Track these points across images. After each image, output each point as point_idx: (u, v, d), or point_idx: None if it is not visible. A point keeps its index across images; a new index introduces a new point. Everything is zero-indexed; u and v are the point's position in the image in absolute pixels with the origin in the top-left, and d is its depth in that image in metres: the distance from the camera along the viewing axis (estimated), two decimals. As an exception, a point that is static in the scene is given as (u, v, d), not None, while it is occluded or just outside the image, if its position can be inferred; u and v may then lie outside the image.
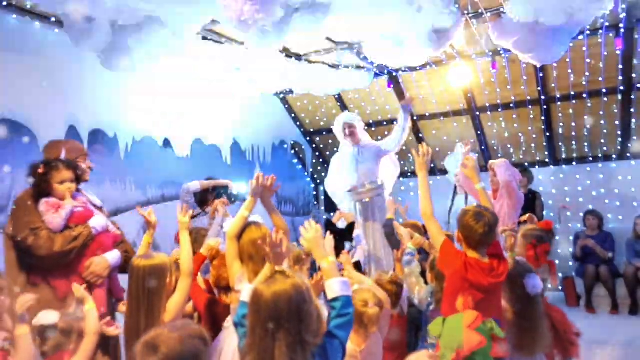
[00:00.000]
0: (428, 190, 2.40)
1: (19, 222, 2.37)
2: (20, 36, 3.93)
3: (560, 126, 6.13)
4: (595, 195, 6.16)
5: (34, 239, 2.31)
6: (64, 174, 2.48)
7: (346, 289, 1.68)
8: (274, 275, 1.54)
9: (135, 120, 4.92)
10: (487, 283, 2.11)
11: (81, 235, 2.39)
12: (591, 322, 5.00)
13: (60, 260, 2.35)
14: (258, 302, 1.47)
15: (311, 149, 7.84)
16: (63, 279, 2.36)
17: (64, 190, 2.47)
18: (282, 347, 1.41)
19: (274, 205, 2.42)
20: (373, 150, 4.75)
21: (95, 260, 2.42)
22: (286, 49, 5.15)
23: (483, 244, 2.19)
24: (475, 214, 2.18)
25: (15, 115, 3.85)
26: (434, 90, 6.26)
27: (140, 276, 1.95)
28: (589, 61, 5.29)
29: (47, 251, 2.30)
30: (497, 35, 4.09)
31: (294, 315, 1.44)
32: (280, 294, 1.45)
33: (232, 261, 2.20)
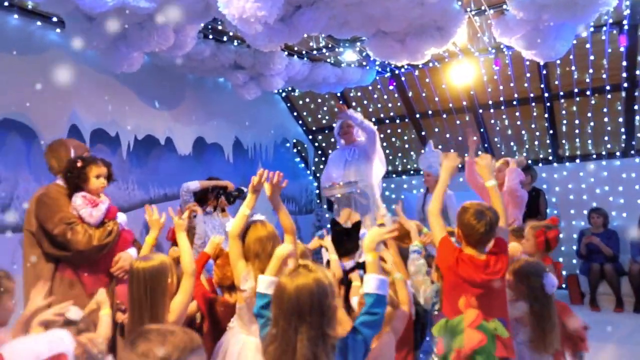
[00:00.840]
0: (443, 192, 2.42)
1: (51, 217, 2.40)
2: (22, 36, 3.92)
3: (563, 123, 6.10)
4: (599, 193, 6.13)
5: (72, 234, 2.35)
6: (102, 169, 2.57)
7: (383, 288, 1.68)
8: (297, 269, 1.55)
9: (137, 119, 4.92)
10: (479, 279, 2.11)
11: (113, 231, 2.47)
12: (595, 319, 4.97)
13: (96, 254, 2.42)
14: (281, 295, 1.49)
15: (313, 147, 7.83)
16: (91, 275, 2.43)
17: (98, 186, 2.54)
18: (303, 340, 1.43)
19: (281, 202, 2.41)
20: (362, 149, 4.79)
21: (123, 256, 2.51)
22: (288, 46, 5.13)
23: (483, 242, 2.19)
24: (477, 212, 2.17)
25: (18, 115, 3.85)
26: (437, 88, 6.24)
27: (141, 279, 1.92)
28: (592, 58, 5.27)
29: (85, 245, 2.36)
30: (500, 32, 4.06)
31: (316, 309, 1.46)
32: (302, 288, 1.47)
33: (237, 260, 2.19)
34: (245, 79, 5.11)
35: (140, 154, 4.94)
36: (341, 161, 4.80)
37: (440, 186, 2.46)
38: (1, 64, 3.75)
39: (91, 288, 2.35)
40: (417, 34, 4.03)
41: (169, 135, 5.28)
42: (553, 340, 2.20)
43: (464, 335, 1.77)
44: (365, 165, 4.73)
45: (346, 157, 4.78)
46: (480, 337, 1.79)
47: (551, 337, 2.20)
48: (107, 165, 2.63)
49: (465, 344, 1.77)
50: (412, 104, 6.56)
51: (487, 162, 2.55)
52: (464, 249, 2.23)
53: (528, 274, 2.29)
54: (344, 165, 4.75)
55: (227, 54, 4.75)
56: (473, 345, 1.79)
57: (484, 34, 4.93)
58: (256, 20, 2.86)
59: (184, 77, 5.49)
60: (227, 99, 6.04)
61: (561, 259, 6.23)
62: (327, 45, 5.17)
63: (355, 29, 3.93)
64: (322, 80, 5.66)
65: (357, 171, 4.71)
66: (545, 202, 5.88)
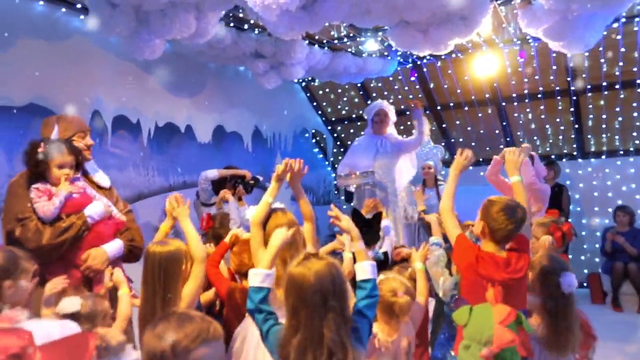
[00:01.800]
0: (454, 189, 2.38)
1: (8, 211, 2.19)
2: (47, 22, 3.98)
3: (590, 118, 5.93)
4: (625, 191, 5.96)
5: (21, 231, 2.12)
6: (65, 157, 2.27)
7: (374, 272, 1.74)
8: (308, 258, 1.55)
9: (158, 107, 4.96)
10: (500, 278, 2.03)
11: (74, 226, 2.19)
12: (617, 320, 4.88)
13: (50, 253, 2.16)
14: (300, 284, 1.48)
15: (332, 138, 7.80)
16: (60, 273, 2.15)
17: (60, 175, 2.26)
18: (330, 326, 1.44)
19: (302, 189, 2.40)
20: (396, 145, 4.71)
21: (92, 253, 2.24)
22: (309, 35, 5.10)
23: (508, 239, 2.12)
24: (508, 208, 2.08)
25: (42, 99, 3.92)
26: (459, 80, 6.13)
27: (156, 263, 1.91)
28: (623, 50, 5.09)
29: (35, 244, 2.11)
30: (526, 22, 3.95)
31: (338, 293, 1.48)
32: (322, 274, 1.48)
33: (257, 248, 2.18)
34: (265, 68, 5.10)
35: (161, 141, 4.99)
36: (371, 150, 4.70)
37: (451, 182, 2.41)
38: (27, 50, 3.81)
39: None
40: (440, 24, 3.95)
41: (189, 123, 5.32)
42: (568, 342, 2.11)
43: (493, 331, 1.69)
44: (393, 160, 4.71)
45: (377, 147, 4.69)
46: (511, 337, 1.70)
47: (566, 339, 2.11)
48: (74, 152, 2.32)
49: (494, 341, 1.70)
50: (434, 95, 6.46)
51: (514, 157, 2.47)
52: (484, 245, 2.16)
53: (545, 271, 2.21)
54: (375, 155, 4.67)
55: (248, 42, 4.74)
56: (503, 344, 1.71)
57: (509, 24, 4.80)
58: (278, 7, 2.83)
59: (205, 65, 5.51)
60: (248, 87, 6.04)
61: (583, 257, 6.11)
62: (348, 34, 5.11)
63: (378, 18, 3.87)
64: (342, 70, 5.61)
65: (386, 164, 4.65)
66: (568, 199, 5.74)
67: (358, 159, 4.76)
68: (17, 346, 1.08)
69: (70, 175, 2.31)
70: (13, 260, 1.73)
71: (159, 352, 1.18)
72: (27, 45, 3.82)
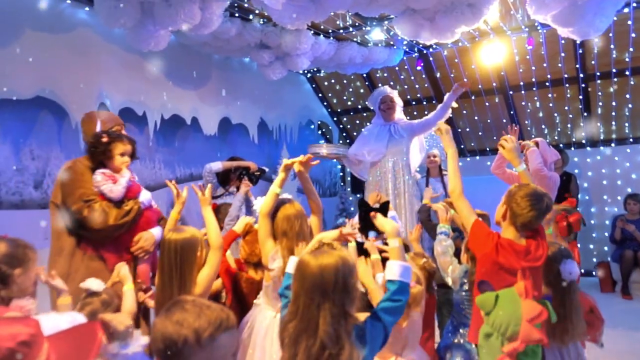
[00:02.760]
0: (457, 168, 2.28)
1: (72, 193, 2.39)
2: (52, 15, 3.97)
3: (599, 105, 5.86)
4: (635, 179, 5.90)
5: (89, 211, 2.34)
6: (127, 146, 2.52)
7: (406, 275, 1.65)
8: (321, 247, 1.52)
9: (164, 99, 4.96)
10: (519, 267, 1.98)
11: (132, 210, 2.43)
12: (628, 308, 4.85)
13: (112, 233, 2.40)
14: (304, 272, 1.46)
15: (338, 129, 7.77)
16: (113, 252, 2.42)
17: (121, 163, 2.50)
18: (326, 317, 1.40)
19: (310, 182, 2.39)
20: (408, 128, 4.66)
21: (144, 236, 2.48)
22: (315, 25, 5.06)
23: (528, 227, 2.07)
24: (535, 194, 2.04)
25: (49, 92, 3.93)
26: (466, 69, 6.07)
27: (172, 249, 1.95)
28: (634, 36, 5.01)
29: (101, 224, 2.34)
30: (534, 8, 3.88)
31: (340, 286, 1.43)
32: (326, 265, 1.44)
33: (265, 238, 2.18)
34: (271, 59, 5.08)
35: (167, 133, 4.99)
36: (384, 136, 4.64)
37: (453, 163, 2.30)
38: (32, 42, 3.81)
39: (113, 264, 2.34)
40: (447, 12, 3.91)
41: (194, 115, 5.31)
42: (567, 331, 2.08)
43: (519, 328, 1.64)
44: (407, 145, 4.66)
45: (391, 133, 4.64)
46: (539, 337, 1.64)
47: (564, 327, 2.07)
48: (132, 142, 2.59)
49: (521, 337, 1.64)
50: (440, 85, 6.40)
51: (512, 145, 2.41)
52: (504, 231, 2.11)
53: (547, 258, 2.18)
54: (388, 141, 4.61)
55: (253, 33, 4.71)
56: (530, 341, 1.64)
57: (517, 11, 4.74)
58: (283, -4, 2.80)
59: (210, 57, 5.49)
60: (253, 79, 6.02)
61: (592, 245, 6.07)
62: (353, 23, 5.06)
63: (384, 6, 3.83)
64: (348, 61, 5.57)
65: (400, 150, 4.60)
66: (577, 187, 5.69)
67: (370, 146, 4.68)
68: (26, 334, 1.08)
69: (129, 162, 2.55)
70: (22, 249, 1.75)
71: (181, 339, 1.16)
72: (33, 37, 3.82)
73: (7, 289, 1.67)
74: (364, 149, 4.73)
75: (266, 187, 5.04)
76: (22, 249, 1.75)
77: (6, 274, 1.67)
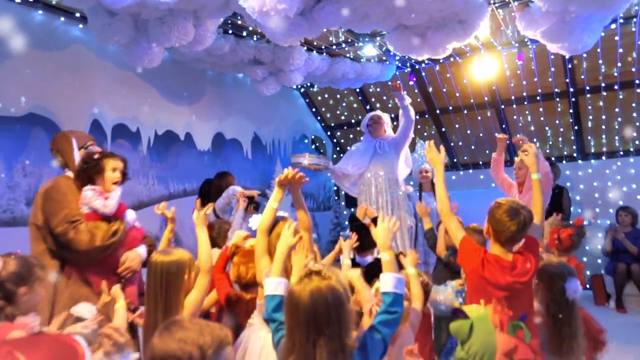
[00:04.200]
0: (444, 186, 2.31)
1: (56, 214, 2.30)
2: (46, 31, 3.98)
3: (589, 119, 5.93)
4: (626, 191, 5.95)
5: (75, 233, 2.26)
6: (118, 162, 2.49)
7: (400, 287, 1.65)
8: (310, 275, 1.48)
9: (157, 115, 4.96)
10: (504, 282, 2.02)
11: (119, 230, 2.37)
12: (622, 322, 4.85)
13: (99, 255, 2.32)
14: (296, 306, 1.43)
15: (332, 143, 7.80)
16: (99, 275, 2.33)
17: (113, 178, 2.45)
18: (323, 353, 1.38)
19: (302, 198, 2.38)
20: (392, 142, 4.75)
21: (130, 256, 2.41)
22: (308, 41, 5.10)
23: (513, 241, 2.10)
24: (511, 209, 2.07)
25: (42, 109, 3.92)
26: (458, 83, 6.14)
27: (158, 272, 1.91)
28: (621, 51, 5.10)
29: (88, 246, 2.26)
30: (524, 25, 3.95)
31: (334, 320, 1.40)
32: (317, 298, 1.41)
33: (261, 256, 2.16)
34: (264, 74, 5.11)
35: (160, 149, 4.99)
36: (369, 151, 4.75)
37: (440, 182, 2.33)
38: (26, 59, 3.82)
39: (99, 287, 2.26)
40: (438, 28, 3.96)
41: (188, 131, 5.31)
42: (572, 348, 2.08)
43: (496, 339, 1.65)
44: (393, 160, 4.75)
45: (375, 149, 4.73)
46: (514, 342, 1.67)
47: (570, 345, 2.07)
48: (123, 160, 2.55)
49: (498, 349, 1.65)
50: (433, 99, 6.46)
51: (534, 150, 2.39)
52: (491, 247, 2.14)
53: (550, 275, 2.18)
54: (371, 157, 4.71)
55: (246, 49, 4.75)
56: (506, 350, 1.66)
57: (507, 27, 4.82)
58: (276, 14, 2.84)
59: (203, 73, 5.51)
60: (247, 94, 6.05)
61: (585, 258, 6.08)
62: (346, 39, 5.12)
63: (376, 22, 3.88)
64: (341, 76, 5.62)
65: (384, 164, 4.69)
66: (569, 200, 5.73)
67: (354, 161, 4.81)
68: None
69: (120, 180, 2.49)
70: (28, 267, 1.76)
71: (186, 356, 1.16)
72: (26, 54, 3.83)
73: (12, 306, 1.70)
74: (349, 163, 4.84)
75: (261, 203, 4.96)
76: (30, 267, 1.77)
77: (11, 291, 1.70)
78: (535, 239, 2.16)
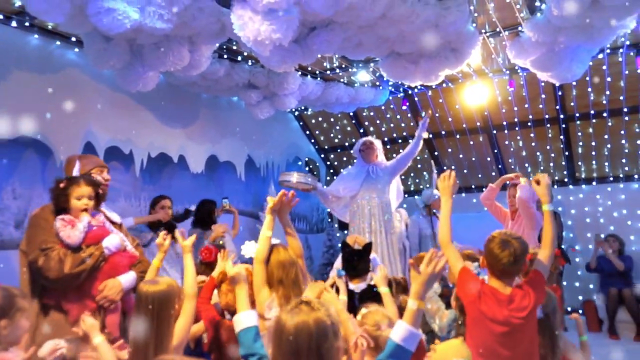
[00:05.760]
0: (449, 216, 2.29)
1: (32, 240, 2.29)
2: (42, 55, 4.00)
3: (579, 145, 6.01)
4: (616, 217, 6.00)
5: (44, 260, 2.21)
6: (83, 189, 2.39)
7: (409, 342, 1.57)
8: (299, 305, 1.46)
9: (151, 137, 4.96)
10: (501, 317, 1.98)
11: (92, 257, 2.29)
12: (615, 348, 4.82)
13: (70, 282, 2.24)
14: (280, 334, 1.41)
15: (325, 166, 7.82)
16: (75, 302, 2.27)
17: (79, 207, 2.38)
18: None
19: (290, 222, 2.37)
20: (387, 169, 4.78)
21: (109, 284, 2.32)
22: (302, 66, 5.16)
23: (507, 274, 2.06)
24: (502, 241, 2.05)
25: (34, 132, 3.90)
26: (450, 109, 6.21)
27: (149, 303, 1.87)
28: (609, 80, 5.21)
29: (56, 273, 2.19)
30: (514, 54, 4.04)
31: (314, 353, 1.37)
32: (300, 329, 1.38)
33: (260, 287, 2.13)
34: (258, 98, 5.14)
35: (153, 171, 4.97)
36: (361, 175, 4.78)
37: (445, 211, 2.32)
38: (21, 82, 3.82)
39: (75, 316, 2.21)
40: (431, 56, 4.03)
41: (181, 154, 5.31)
42: None
43: None
44: (385, 185, 4.80)
45: (368, 173, 4.77)
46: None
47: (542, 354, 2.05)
48: (92, 184, 2.45)
49: None
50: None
51: (547, 181, 2.33)
52: (489, 280, 2.11)
53: None
54: (363, 181, 4.74)
55: (241, 74, 4.79)
56: None
57: (498, 55, 4.91)
58: (271, 43, 2.87)
59: (198, 96, 5.54)
60: (241, 117, 6.08)
61: (577, 283, 6.09)
62: (340, 65, 5.19)
63: (369, 50, 3.94)
64: (335, 100, 5.67)
65: (376, 189, 4.72)
66: (561, 225, 5.76)
67: (345, 184, 4.83)
68: None
69: (90, 205, 2.42)
70: (9, 299, 1.71)
71: None
72: (21, 77, 3.83)
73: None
74: (340, 186, 4.87)
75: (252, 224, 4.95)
76: (10, 299, 1.70)
77: None
78: (540, 272, 2.10)
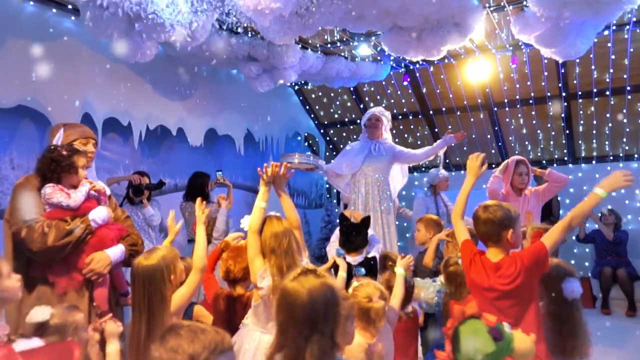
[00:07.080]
0: (467, 194, 2.32)
1: (14, 213, 2.19)
2: (37, 23, 3.93)
3: (580, 124, 5.98)
4: (614, 196, 6.01)
5: (27, 232, 2.13)
6: (84, 159, 2.33)
7: None
8: (305, 273, 1.48)
9: (150, 109, 4.92)
10: (487, 284, 2.01)
11: (78, 229, 2.20)
12: (607, 323, 4.91)
13: (54, 255, 2.17)
14: (292, 303, 1.42)
15: (325, 141, 7.79)
16: (62, 275, 2.20)
17: (84, 176, 2.33)
18: (314, 351, 1.37)
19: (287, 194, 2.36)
20: (390, 150, 4.69)
21: (96, 257, 2.24)
22: (302, 39, 5.09)
23: (487, 237, 2.10)
24: (485, 205, 2.14)
25: (31, 102, 3.87)
26: (451, 85, 6.15)
27: (140, 278, 1.89)
28: (613, 57, 5.14)
29: (40, 245, 2.12)
30: (518, 29, 3.97)
31: (330, 317, 1.40)
32: (315, 294, 1.41)
33: (254, 256, 2.14)
34: (258, 71, 5.09)
35: (152, 143, 4.95)
36: (363, 152, 4.68)
37: (465, 188, 2.33)
38: (16, 51, 3.77)
39: (63, 288, 2.17)
40: (433, 30, 3.97)
41: (180, 126, 5.28)
42: (574, 348, 2.08)
43: None
44: (386, 164, 4.69)
45: (370, 150, 4.67)
46: None
47: (571, 345, 2.08)
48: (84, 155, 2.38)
49: None
50: (426, 100, 6.48)
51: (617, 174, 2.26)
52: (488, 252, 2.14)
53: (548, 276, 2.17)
54: (365, 158, 4.65)
55: (241, 46, 4.72)
56: None
57: (502, 30, 4.83)
58: (271, 13, 2.82)
59: (197, 68, 5.48)
60: (240, 91, 6.02)
61: (573, 260, 6.15)
62: (341, 39, 5.11)
63: (371, 23, 3.87)
64: (335, 75, 5.61)
65: (379, 167, 4.64)
66: (559, 204, 5.78)
67: (348, 160, 4.75)
68: None
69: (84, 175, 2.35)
70: None
71: None
72: (17, 45, 3.78)
73: None
74: (342, 162, 4.79)
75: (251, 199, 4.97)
76: None
77: None
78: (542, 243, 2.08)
